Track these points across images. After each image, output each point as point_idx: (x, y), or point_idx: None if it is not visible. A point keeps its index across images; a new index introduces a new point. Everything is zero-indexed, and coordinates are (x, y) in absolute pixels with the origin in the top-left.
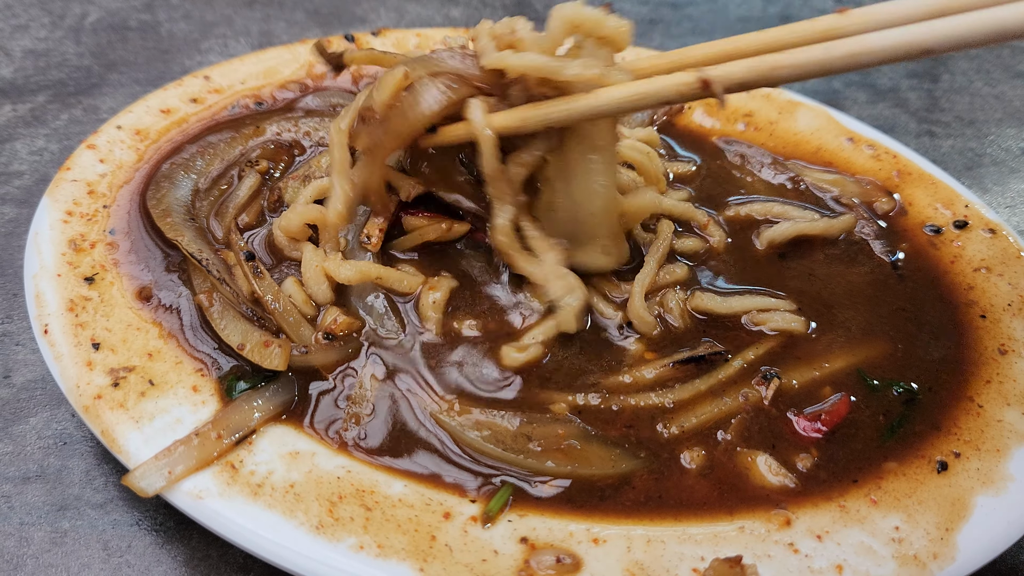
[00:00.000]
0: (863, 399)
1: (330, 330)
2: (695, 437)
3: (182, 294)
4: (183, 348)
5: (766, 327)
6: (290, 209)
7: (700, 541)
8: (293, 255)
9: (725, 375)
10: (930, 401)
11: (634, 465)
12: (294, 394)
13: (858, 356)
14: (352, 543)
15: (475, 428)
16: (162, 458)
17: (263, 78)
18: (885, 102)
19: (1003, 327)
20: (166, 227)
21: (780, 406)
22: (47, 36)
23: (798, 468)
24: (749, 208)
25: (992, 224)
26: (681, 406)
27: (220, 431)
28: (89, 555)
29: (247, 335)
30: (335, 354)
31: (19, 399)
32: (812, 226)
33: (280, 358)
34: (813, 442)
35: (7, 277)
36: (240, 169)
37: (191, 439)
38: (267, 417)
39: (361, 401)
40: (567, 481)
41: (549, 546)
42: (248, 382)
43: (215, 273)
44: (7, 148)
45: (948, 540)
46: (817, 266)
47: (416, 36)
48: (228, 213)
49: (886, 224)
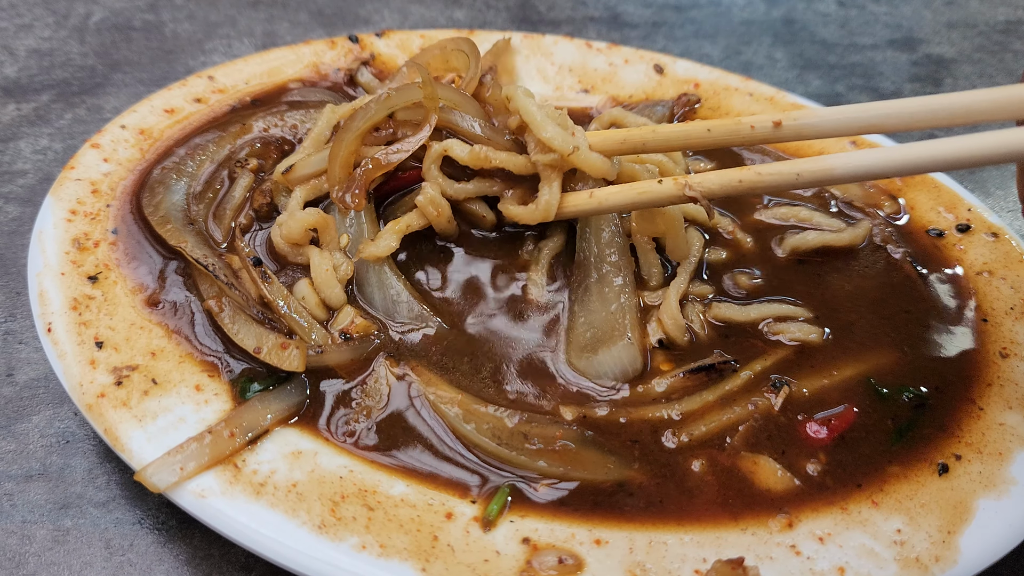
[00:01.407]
0: (872, 405)
1: (347, 330)
2: (701, 445)
3: (189, 299)
4: (192, 354)
5: (783, 337)
6: (288, 216)
7: (702, 543)
8: (298, 260)
9: (733, 385)
10: (938, 405)
11: (629, 473)
12: (306, 395)
13: (868, 364)
14: (355, 543)
15: (473, 420)
16: (175, 454)
17: (267, 78)
18: None
19: (1005, 331)
20: (167, 234)
21: (789, 413)
22: (51, 35)
23: (807, 472)
24: (775, 212)
25: (995, 228)
26: (689, 416)
27: (233, 429)
28: (91, 553)
29: (262, 338)
30: (350, 353)
31: (22, 397)
32: (838, 238)
33: (298, 359)
34: (822, 447)
35: (11, 275)
36: (231, 170)
37: (204, 436)
38: (280, 417)
39: (375, 395)
40: (569, 485)
41: (551, 547)
42: (262, 383)
43: (223, 278)
44: (11, 147)
45: (950, 543)
46: (830, 271)
47: (420, 37)
48: (226, 215)
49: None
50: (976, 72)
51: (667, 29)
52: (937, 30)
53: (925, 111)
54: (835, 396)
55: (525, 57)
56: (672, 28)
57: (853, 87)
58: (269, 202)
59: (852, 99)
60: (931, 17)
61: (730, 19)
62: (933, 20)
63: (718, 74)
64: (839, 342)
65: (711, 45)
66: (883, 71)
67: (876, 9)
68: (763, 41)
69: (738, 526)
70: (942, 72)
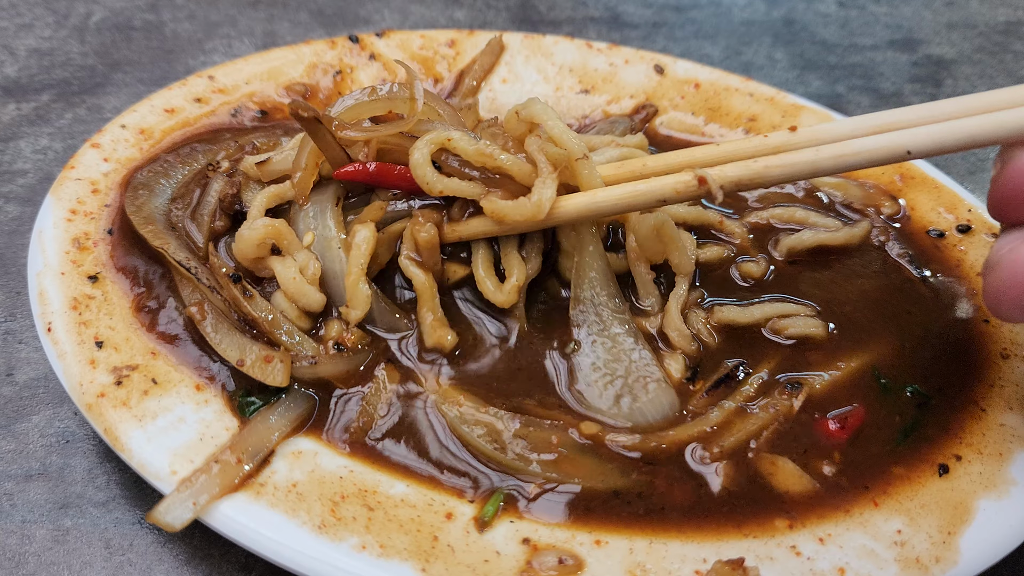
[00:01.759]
0: (878, 401)
1: (341, 341)
2: (727, 455)
3: (172, 305)
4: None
5: (786, 334)
6: (242, 230)
7: (703, 543)
8: (263, 274)
9: (750, 390)
10: (940, 405)
11: (624, 483)
12: (311, 407)
13: (871, 355)
14: (355, 543)
15: (472, 423)
16: (184, 489)
17: (267, 78)
18: (888, 106)
19: (1005, 331)
20: (149, 234)
21: (806, 412)
22: (52, 35)
23: (824, 473)
24: (770, 213)
25: (996, 228)
26: (719, 429)
27: (240, 455)
28: (91, 553)
29: (245, 349)
30: (344, 364)
31: (22, 397)
32: (834, 237)
33: (282, 373)
34: (838, 447)
35: (10, 275)
36: (204, 174)
37: (211, 467)
38: (285, 434)
39: (376, 402)
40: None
41: (551, 547)
42: (260, 398)
43: (204, 282)
44: (11, 147)
45: (950, 543)
46: (830, 271)
47: (420, 38)
48: (204, 221)
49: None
50: (976, 73)
51: (667, 29)
52: (937, 31)
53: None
54: (844, 392)
55: (525, 57)
56: (672, 28)
57: (853, 88)
58: (235, 193)
59: (852, 100)
60: (931, 18)
61: (730, 19)
62: (933, 21)
63: (718, 74)
64: (842, 337)
65: (711, 45)
66: (883, 72)
67: (876, 10)
68: (763, 41)
69: (740, 530)
70: (942, 73)
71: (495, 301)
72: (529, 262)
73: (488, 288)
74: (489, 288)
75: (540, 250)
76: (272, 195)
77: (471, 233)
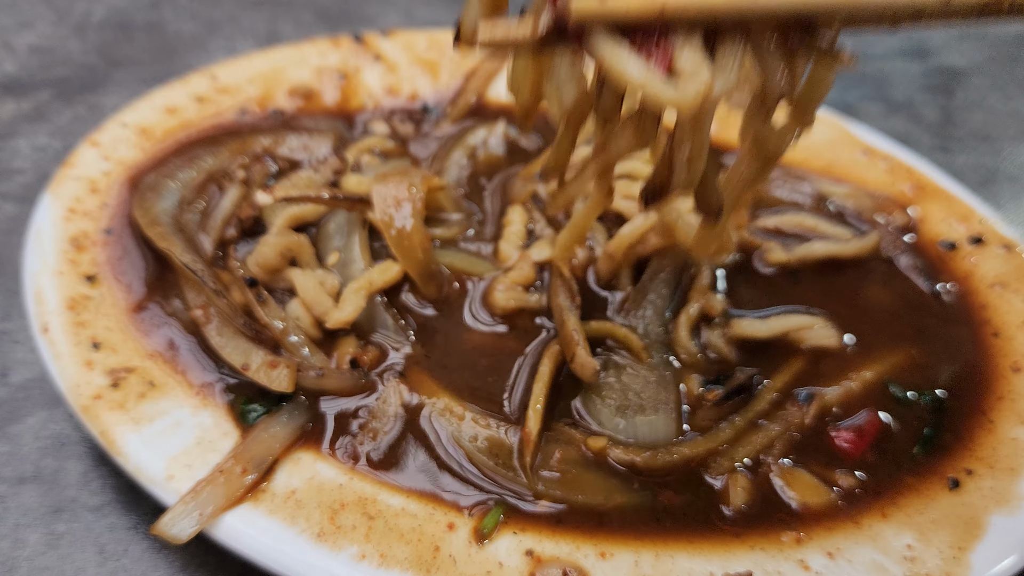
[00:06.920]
0: (892, 411)
1: (357, 357)
2: (737, 468)
3: (172, 307)
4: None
5: (803, 345)
6: (268, 236)
7: (710, 556)
8: (279, 285)
9: (763, 402)
10: (954, 415)
11: (629, 499)
12: (309, 416)
13: (884, 366)
14: (354, 552)
15: (472, 437)
16: (189, 501)
17: (270, 77)
18: (899, 116)
19: (1017, 344)
20: (155, 236)
21: (819, 423)
22: (52, 33)
23: (838, 483)
24: (779, 220)
25: (1007, 240)
26: (730, 441)
27: (244, 465)
28: (84, 559)
29: (249, 354)
30: (351, 380)
31: (16, 398)
32: (844, 248)
33: (287, 380)
34: (855, 458)
35: (6, 275)
36: (220, 182)
37: (216, 477)
38: (288, 444)
39: (382, 416)
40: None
41: (555, 559)
42: (262, 405)
43: (210, 285)
44: (9, 145)
45: (962, 560)
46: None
47: (426, 39)
48: (215, 227)
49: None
50: (988, 83)
51: None
52: (948, 41)
53: None
54: (857, 403)
55: None
56: None
57: (864, 97)
58: (256, 216)
59: (863, 110)
60: (943, 28)
61: None
62: (945, 31)
63: None
64: (854, 348)
65: None
66: (894, 81)
67: None
68: None
69: (747, 544)
70: (953, 83)
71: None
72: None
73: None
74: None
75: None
76: (294, 216)
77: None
